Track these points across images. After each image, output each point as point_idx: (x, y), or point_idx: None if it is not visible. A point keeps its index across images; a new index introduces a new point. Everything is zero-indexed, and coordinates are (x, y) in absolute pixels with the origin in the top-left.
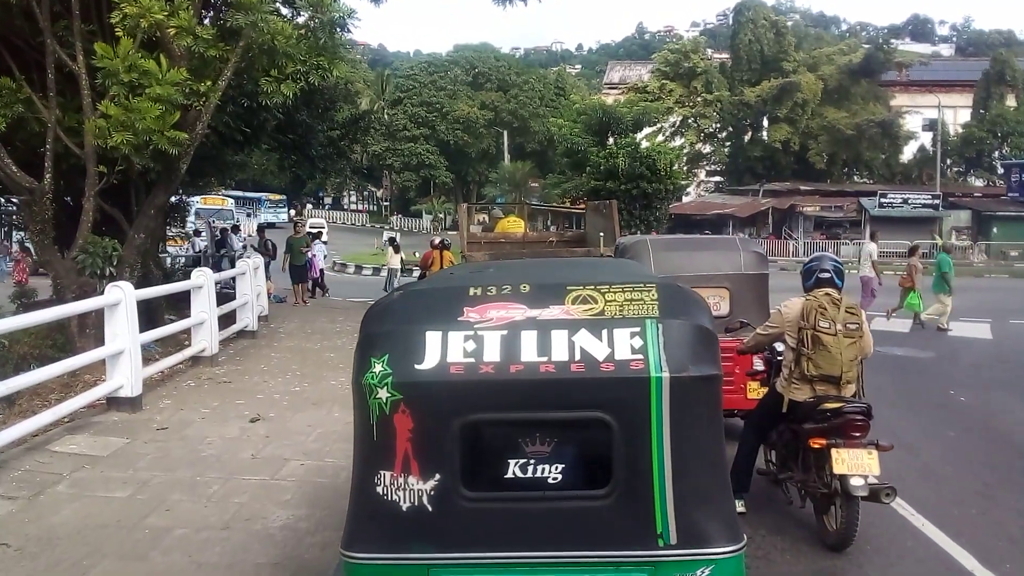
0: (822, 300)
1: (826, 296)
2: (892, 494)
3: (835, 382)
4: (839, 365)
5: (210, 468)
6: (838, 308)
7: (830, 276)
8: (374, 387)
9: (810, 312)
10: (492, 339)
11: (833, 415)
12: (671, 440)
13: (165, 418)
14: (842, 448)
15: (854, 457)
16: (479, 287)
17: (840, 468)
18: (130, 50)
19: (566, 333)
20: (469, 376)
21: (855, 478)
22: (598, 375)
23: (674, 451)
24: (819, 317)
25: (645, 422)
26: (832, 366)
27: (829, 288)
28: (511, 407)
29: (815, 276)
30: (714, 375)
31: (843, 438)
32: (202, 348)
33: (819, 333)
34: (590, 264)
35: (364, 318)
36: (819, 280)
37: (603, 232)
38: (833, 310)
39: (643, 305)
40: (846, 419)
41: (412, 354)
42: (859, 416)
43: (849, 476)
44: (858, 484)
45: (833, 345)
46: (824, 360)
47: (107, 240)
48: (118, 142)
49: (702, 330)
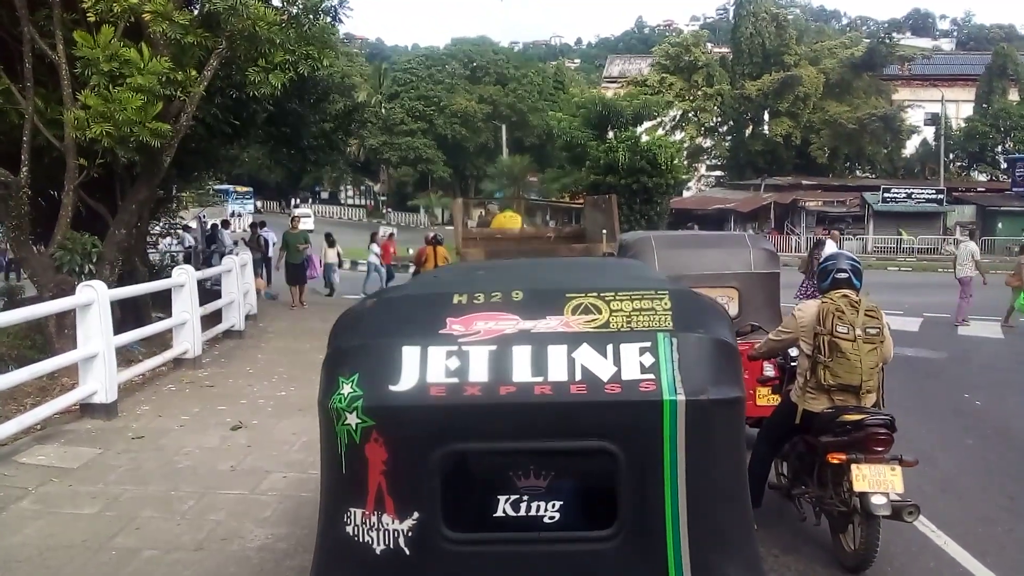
0: (839, 303)
1: (844, 298)
2: (915, 512)
3: (855, 392)
4: (859, 373)
5: (186, 481)
6: (857, 311)
7: (848, 276)
8: (342, 411)
9: (827, 316)
10: (479, 356)
11: (853, 428)
12: (687, 473)
13: (142, 426)
14: (863, 464)
15: (876, 473)
16: (465, 294)
17: (861, 485)
18: (111, 38)
19: (565, 349)
20: (452, 399)
21: (877, 496)
22: (602, 398)
23: (690, 485)
24: (837, 321)
25: (656, 452)
26: (851, 374)
27: (847, 289)
28: (501, 435)
29: (831, 276)
30: (736, 398)
31: (864, 453)
32: (184, 350)
33: (837, 339)
34: (592, 266)
35: (332, 330)
36: (836, 281)
37: (603, 228)
38: (852, 313)
39: (654, 316)
40: (868, 432)
41: (386, 373)
42: (882, 429)
43: (870, 494)
44: (880, 503)
45: (852, 352)
46: (842, 368)
47: (86, 236)
48: (97, 134)
49: (723, 345)
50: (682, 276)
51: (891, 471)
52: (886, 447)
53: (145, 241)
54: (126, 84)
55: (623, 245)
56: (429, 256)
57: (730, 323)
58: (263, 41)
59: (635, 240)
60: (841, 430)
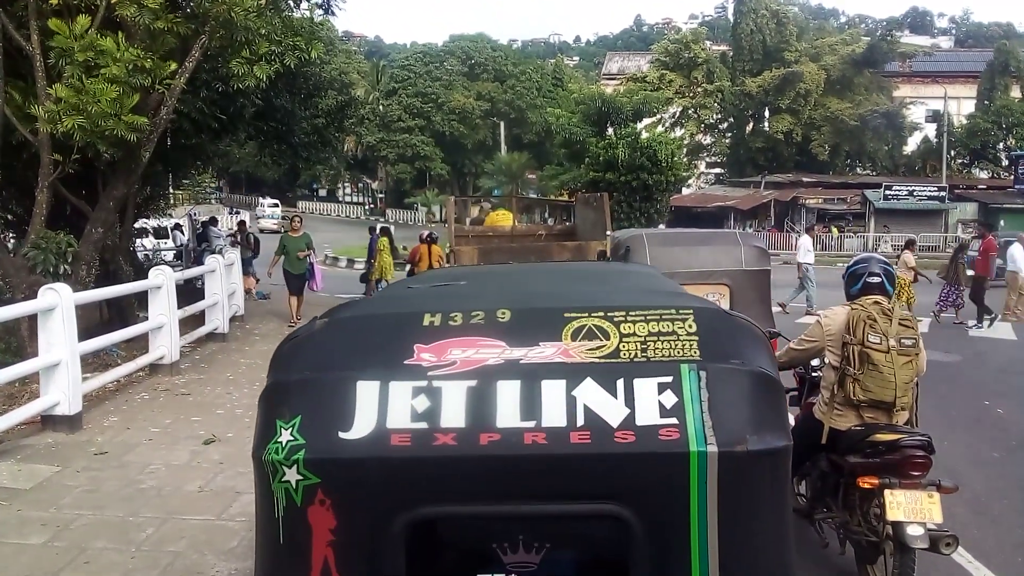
0: (871, 310)
1: (875, 305)
2: (954, 544)
3: (887, 408)
4: (892, 388)
5: (147, 505)
6: (890, 320)
7: (880, 281)
8: (279, 465)
9: (857, 324)
10: (455, 394)
11: (887, 449)
12: (720, 544)
13: (107, 439)
14: (898, 489)
15: (912, 501)
16: (438, 313)
17: (895, 514)
18: (88, 28)
19: (563, 385)
20: (420, 450)
21: (913, 527)
22: (611, 449)
23: (724, 560)
24: (868, 331)
25: (681, 518)
26: (884, 390)
27: (879, 295)
28: (482, 497)
29: (863, 281)
30: (783, 448)
31: (899, 477)
32: (161, 355)
33: (868, 350)
34: (595, 275)
35: (272, 358)
36: (867, 286)
37: (595, 226)
38: (884, 322)
39: (676, 342)
40: (904, 455)
41: (335, 416)
42: (920, 451)
43: (906, 523)
44: (917, 534)
45: (885, 364)
46: (874, 382)
47: (61, 235)
48: (69, 127)
49: (764, 379)
50: (674, 273)
51: (929, 499)
52: (923, 471)
53: (130, 240)
54: (101, 75)
55: (616, 243)
56: (423, 255)
57: (770, 349)
58: (239, 28)
59: (628, 238)
60: (872, 451)
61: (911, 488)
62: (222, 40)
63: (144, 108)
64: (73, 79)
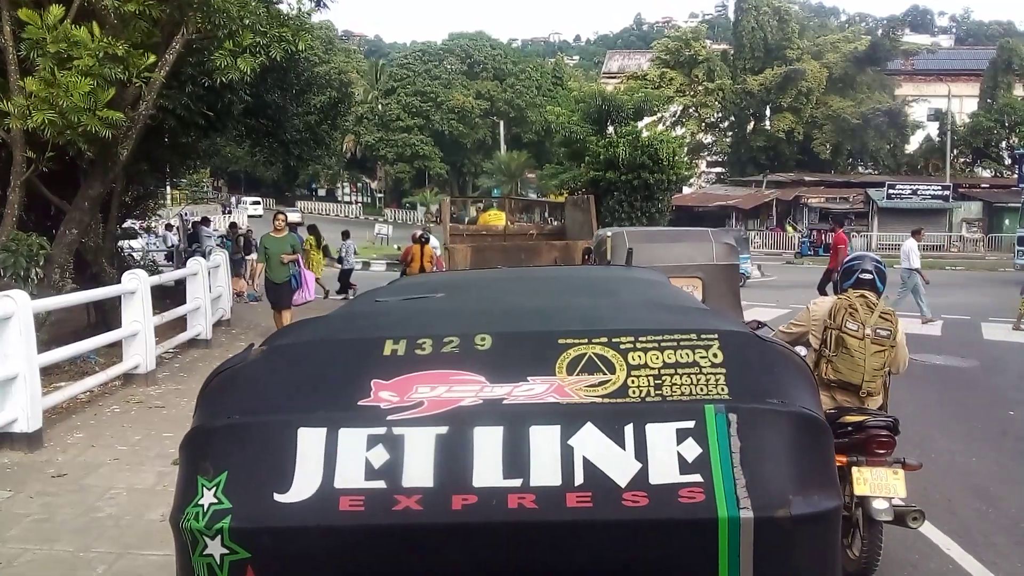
0: (854, 301)
1: (860, 298)
2: (920, 518)
3: (855, 391)
4: (860, 372)
5: (103, 536)
6: (871, 311)
7: (872, 278)
8: (200, 535)
9: (839, 311)
10: (420, 443)
11: (855, 429)
12: None
13: (68, 459)
14: (864, 467)
15: (877, 477)
16: (402, 340)
17: (862, 489)
18: (61, 18)
19: (558, 432)
20: (376, 517)
21: (878, 500)
22: (619, 516)
23: None
24: (848, 318)
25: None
26: (852, 372)
27: (867, 290)
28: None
29: (855, 276)
30: (833, 509)
31: (865, 455)
32: (135, 364)
33: (844, 334)
34: (595, 283)
35: (199, 396)
36: (859, 281)
37: (582, 226)
38: (865, 312)
39: (699, 376)
40: (869, 434)
41: (270, 473)
42: (883, 431)
43: (871, 498)
44: (881, 507)
45: (857, 349)
46: (845, 365)
47: (33, 237)
48: (39, 123)
49: (809, 424)
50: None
51: (893, 475)
52: (888, 450)
53: (114, 241)
54: (74, 67)
55: (598, 241)
56: (415, 255)
57: (814, 383)
58: (217, 11)
59: (610, 235)
60: (842, 431)
61: (876, 465)
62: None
63: (120, 103)
64: (44, 72)
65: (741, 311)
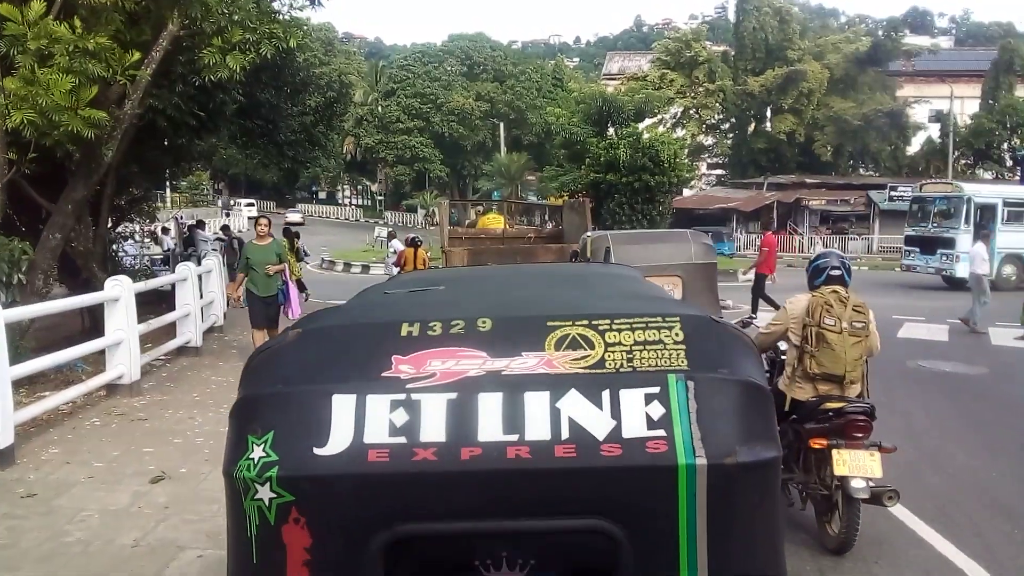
0: (828, 297)
1: (833, 294)
2: (895, 498)
3: (838, 381)
4: (843, 364)
5: (68, 566)
6: (845, 306)
7: (841, 274)
8: (251, 483)
9: (816, 309)
10: (434, 407)
11: (835, 415)
12: (709, 558)
13: (40, 477)
14: (843, 449)
15: (855, 458)
16: (417, 323)
17: (841, 469)
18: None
19: (547, 397)
20: (398, 466)
21: (856, 480)
22: (597, 463)
23: (714, 573)
24: (825, 314)
25: (669, 533)
26: (836, 364)
27: (838, 286)
28: (463, 513)
29: (825, 273)
30: (772, 459)
31: (844, 439)
32: (119, 374)
33: (824, 330)
34: (577, 278)
35: (243, 371)
36: (829, 278)
37: (578, 229)
38: (840, 308)
39: (663, 351)
40: (847, 419)
41: (310, 431)
42: (861, 416)
43: (850, 478)
44: (859, 486)
45: (837, 343)
46: (827, 358)
47: (15, 242)
48: (18, 122)
49: (753, 389)
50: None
51: (870, 456)
52: (865, 433)
53: (105, 245)
54: (54, 65)
55: (584, 242)
56: (408, 258)
57: (759, 357)
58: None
59: (596, 237)
60: (824, 417)
61: (854, 448)
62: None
63: (104, 101)
64: (24, 69)
65: (719, 306)
